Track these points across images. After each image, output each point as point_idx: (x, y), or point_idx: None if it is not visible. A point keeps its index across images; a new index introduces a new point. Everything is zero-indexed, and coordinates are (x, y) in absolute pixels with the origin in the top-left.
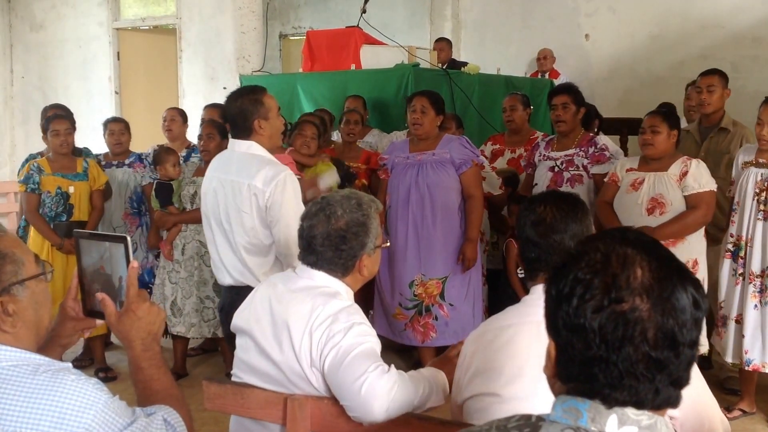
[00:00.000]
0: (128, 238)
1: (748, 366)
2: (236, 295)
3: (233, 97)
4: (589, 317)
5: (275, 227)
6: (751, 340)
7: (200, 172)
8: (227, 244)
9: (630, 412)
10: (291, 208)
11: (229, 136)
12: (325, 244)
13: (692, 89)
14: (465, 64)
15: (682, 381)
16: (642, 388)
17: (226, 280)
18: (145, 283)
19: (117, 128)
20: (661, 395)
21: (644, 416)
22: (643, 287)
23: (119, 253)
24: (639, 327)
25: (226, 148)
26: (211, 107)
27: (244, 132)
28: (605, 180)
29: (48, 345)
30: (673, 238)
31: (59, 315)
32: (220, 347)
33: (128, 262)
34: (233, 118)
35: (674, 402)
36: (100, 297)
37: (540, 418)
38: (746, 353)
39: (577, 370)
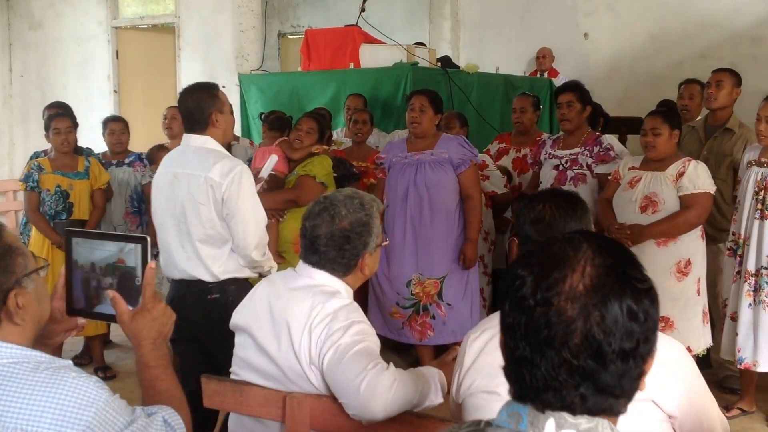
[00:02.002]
0: (148, 239)
1: (740, 364)
2: (185, 288)
3: (189, 91)
4: (517, 316)
5: (232, 220)
6: (744, 339)
7: None
8: (180, 238)
9: (567, 415)
10: (247, 201)
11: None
12: (329, 244)
13: (684, 88)
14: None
15: (614, 390)
16: (566, 393)
17: (174, 273)
18: None
19: (117, 127)
20: (589, 402)
21: (583, 419)
22: (573, 292)
23: (133, 252)
24: (561, 332)
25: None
26: None
27: (201, 125)
28: (609, 178)
29: (35, 345)
30: (663, 237)
31: None
32: None
33: (145, 262)
34: (190, 111)
35: (610, 410)
36: (111, 295)
37: (488, 423)
38: (739, 351)
39: (509, 370)
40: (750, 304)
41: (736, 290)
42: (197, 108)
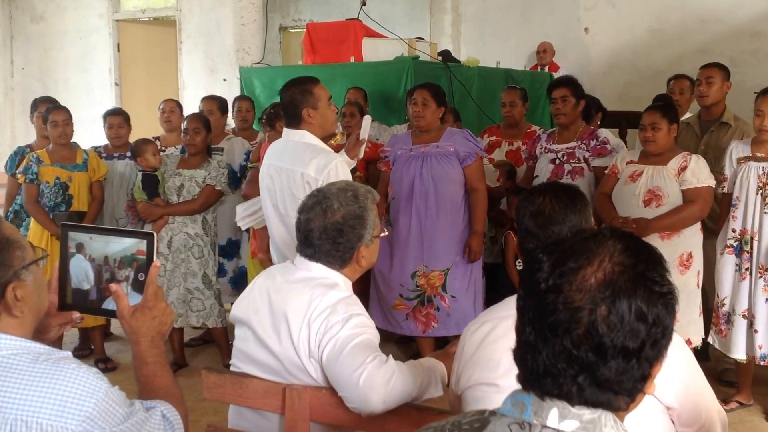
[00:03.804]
0: (155, 234)
1: (764, 361)
2: None
3: (285, 87)
4: (528, 300)
5: None
6: (765, 335)
7: (184, 164)
8: (282, 227)
9: (570, 405)
10: None
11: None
12: (322, 237)
13: (674, 83)
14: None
15: (612, 386)
16: (564, 381)
17: (280, 260)
18: None
19: (116, 121)
20: (585, 393)
21: (586, 411)
22: (584, 284)
23: (135, 246)
24: (565, 320)
25: (211, 141)
26: (209, 99)
27: (295, 121)
28: (606, 172)
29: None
30: (668, 231)
31: None
32: (215, 338)
33: (151, 259)
34: (285, 107)
35: (609, 405)
36: (113, 289)
37: (492, 413)
38: (760, 348)
39: (516, 353)
40: (767, 300)
41: (749, 287)
42: (290, 105)
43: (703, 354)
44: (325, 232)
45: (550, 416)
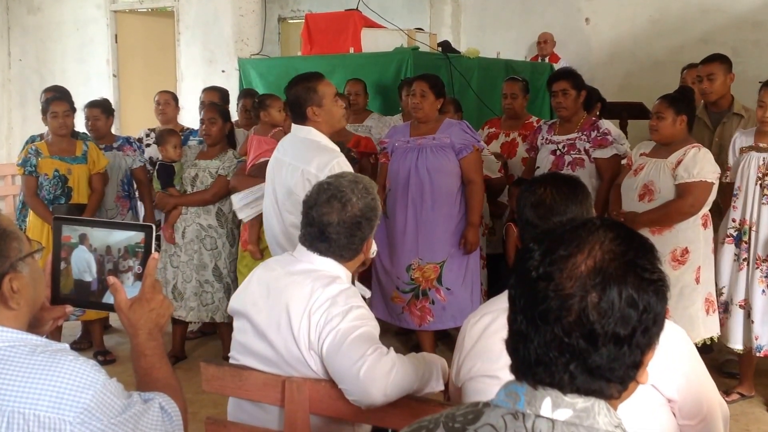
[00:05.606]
0: (153, 227)
1: (759, 352)
2: None
3: (290, 84)
4: (519, 288)
5: None
6: (761, 326)
7: (203, 155)
8: (275, 219)
9: (563, 394)
10: None
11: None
12: (340, 231)
13: (687, 73)
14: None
15: (604, 373)
16: (556, 369)
17: (276, 251)
18: None
19: (92, 114)
20: (577, 381)
21: (579, 399)
22: (575, 271)
23: (133, 239)
24: (556, 308)
25: (227, 131)
26: (210, 90)
27: (301, 118)
28: (623, 162)
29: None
30: (655, 226)
31: None
32: (219, 331)
33: (149, 251)
34: (291, 105)
35: (600, 393)
36: (111, 281)
37: (486, 404)
38: (756, 339)
39: (508, 343)
40: (764, 291)
41: (746, 277)
42: (295, 103)
43: (705, 346)
44: (343, 225)
45: (544, 405)
